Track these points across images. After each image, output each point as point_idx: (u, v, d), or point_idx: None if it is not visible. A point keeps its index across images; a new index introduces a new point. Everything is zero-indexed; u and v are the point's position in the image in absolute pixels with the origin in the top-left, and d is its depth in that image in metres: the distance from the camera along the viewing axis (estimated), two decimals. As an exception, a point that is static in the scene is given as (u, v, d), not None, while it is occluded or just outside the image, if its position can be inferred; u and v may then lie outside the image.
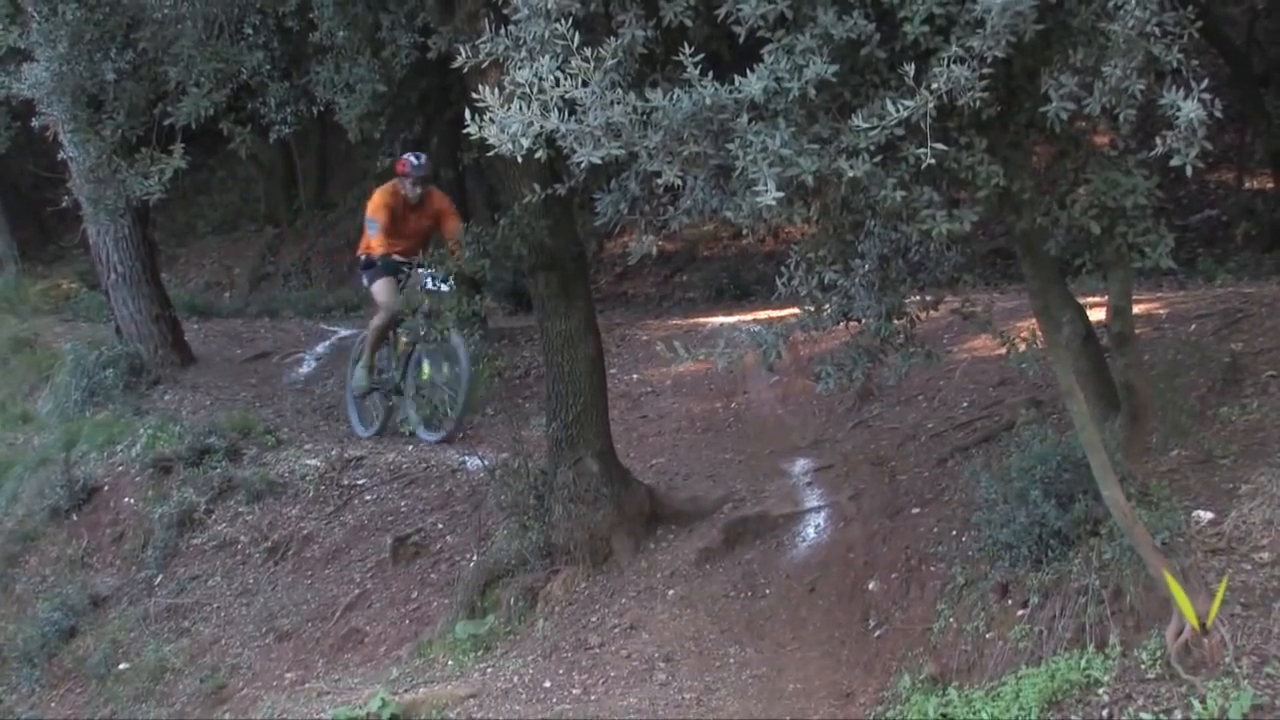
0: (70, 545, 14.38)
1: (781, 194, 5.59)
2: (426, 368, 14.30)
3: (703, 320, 16.30)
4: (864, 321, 7.14)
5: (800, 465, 11.64)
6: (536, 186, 7.22)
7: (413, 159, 14.36)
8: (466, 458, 13.32)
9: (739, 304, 17.92)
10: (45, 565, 14.40)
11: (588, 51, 5.70)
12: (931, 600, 8.97)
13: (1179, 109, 5.66)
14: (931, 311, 7.34)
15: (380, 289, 14.48)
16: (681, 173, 5.91)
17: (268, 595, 12.80)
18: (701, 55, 5.65)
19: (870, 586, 9.64)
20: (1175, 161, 5.77)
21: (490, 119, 5.66)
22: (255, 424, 14.98)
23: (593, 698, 9.56)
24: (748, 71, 5.64)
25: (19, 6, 10.87)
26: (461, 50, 6.15)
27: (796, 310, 7.13)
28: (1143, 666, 7.06)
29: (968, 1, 5.60)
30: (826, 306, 7.04)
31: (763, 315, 13.59)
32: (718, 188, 6.20)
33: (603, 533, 10.83)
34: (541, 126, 5.63)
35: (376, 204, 14.40)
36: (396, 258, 14.05)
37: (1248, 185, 18.02)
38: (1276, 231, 16.58)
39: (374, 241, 14.28)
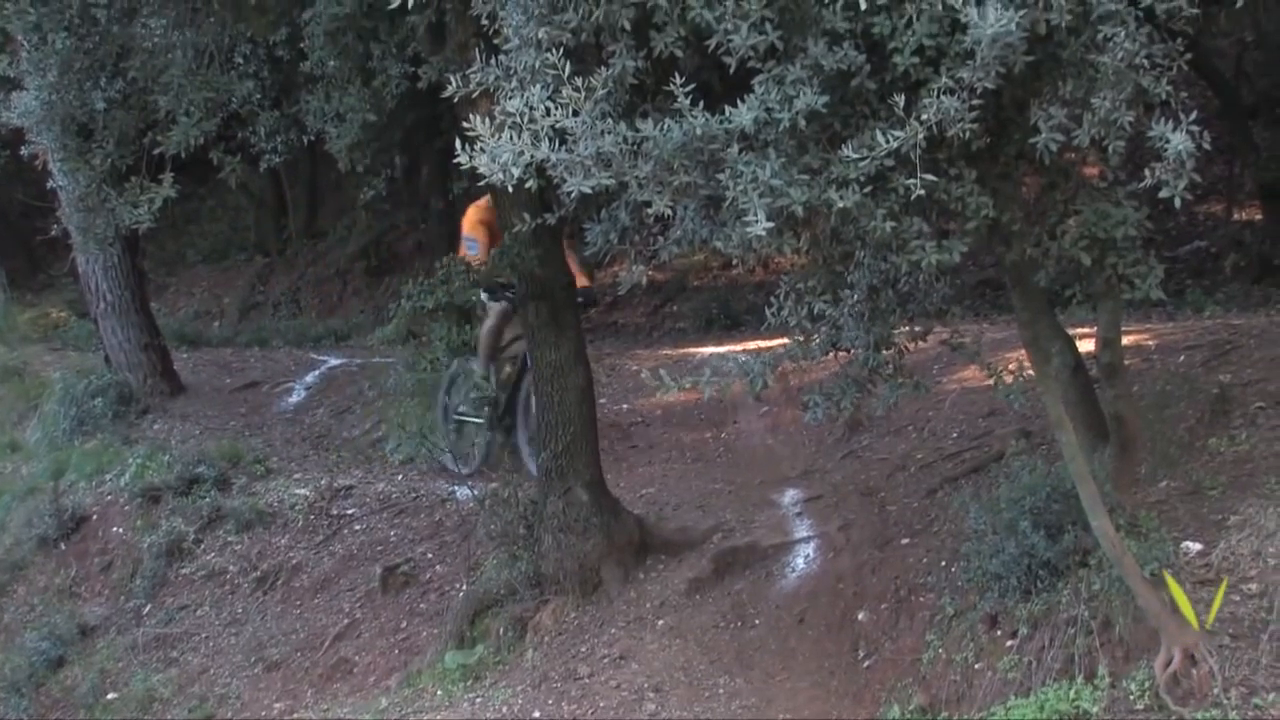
0: (58, 575, 14.34)
1: (771, 224, 5.60)
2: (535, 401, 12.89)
3: (693, 350, 16.29)
4: (853, 352, 7.14)
5: (790, 495, 11.64)
6: (527, 216, 7.21)
7: None
8: (456, 487, 13.31)
9: (729, 334, 17.90)
10: (33, 595, 14.36)
11: (578, 81, 5.71)
12: (921, 631, 8.96)
13: (1168, 141, 5.67)
14: (920, 342, 7.35)
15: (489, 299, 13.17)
16: (672, 203, 5.91)
17: (256, 625, 12.77)
18: (692, 85, 5.65)
19: (859, 617, 9.64)
20: (1164, 193, 5.79)
21: (481, 148, 5.66)
22: (244, 453, 14.96)
23: (581, 728, 9.55)
24: (738, 102, 5.65)
25: (8, 35, 10.87)
26: (452, 80, 6.15)
27: (786, 340, 7.14)
28: (1131, 697, 7.06)
29: (958, 33, 5.61)
30: (816, 337, 7.04)
31: (752, 345, 13.57)
32: (708, 218, 6.21)
33: (592, 563, 10.82)
34: (532, 156, 5.63)
35: (471, 221, 13.39)
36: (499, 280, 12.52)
37: (1236, 217, 18.05)
38: (1265, 263, 16.60)
39: (474, 261, 12.77)
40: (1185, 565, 7.55)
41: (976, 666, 8.24)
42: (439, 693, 10.53)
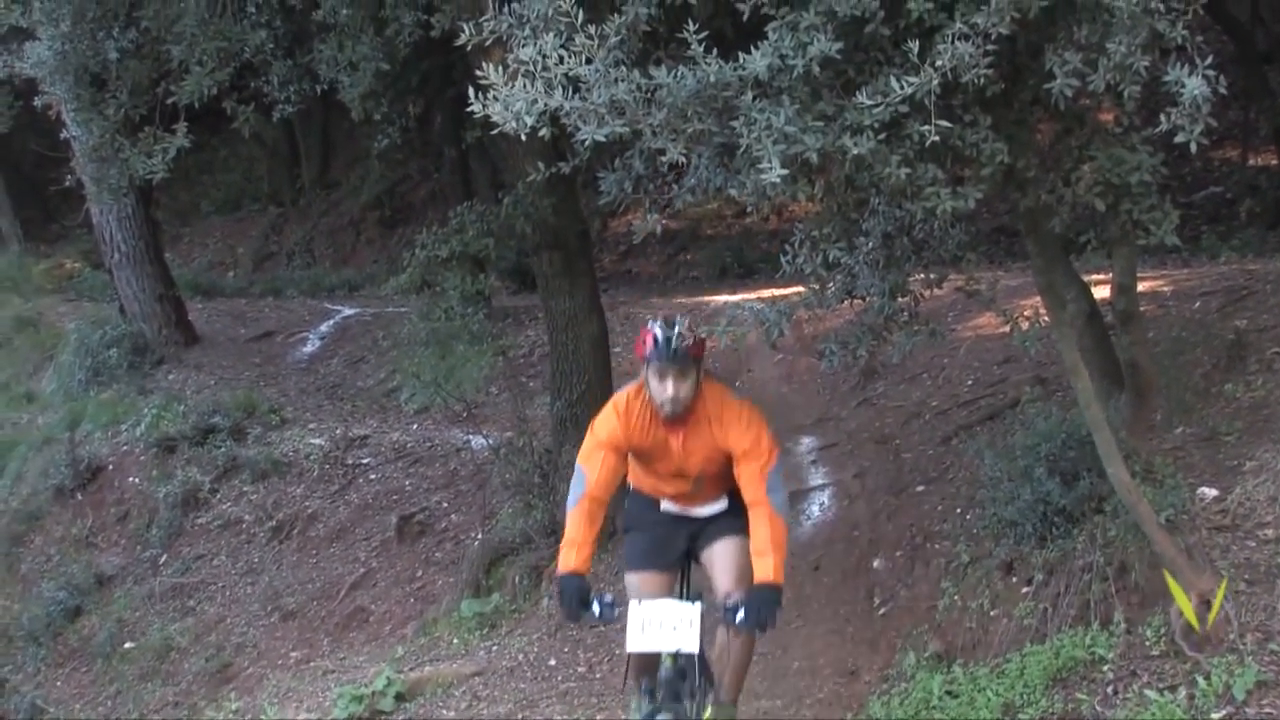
0: (75, 525, 14.41)
1: (786, 172, 5.57)
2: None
3: (707, 299, 16.28)
4: (868, 299, 7.13)
5: (805, 443, 11.64)
6: (540, 165, 7.20)
7: (658, 329, 6.83)
8: (471, 437, 13.32)
9: (743, 282, 17.89)
10: (50, 545, 14.44)
11: (591, 29, 5.68)
12: (936, 578, 8.97)
13: (1183, 86, 5.63)
14: (935, 290, 7.33)
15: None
16: (686, 150, 5.89)
17: (272, 574, 12.82)
18: (705, 33, 5.62)
19: (875, 564, 9.65)
20: (1179, 138, 5.75)
21: (494, 97, 5.64)
22: (259, 403, 15.01)
23: (598, 675, 9.57)
24: (752, 49, 5.62)
25: (21, -15, 10.83)
26: (465, 28, 6.12)
27: (801, 288, 7.12)
28: (1147, 643, 7.06)
29: (972, -22, 5.58)
30: (831, 284, 7.03)
31: (767, 294, 13.54)
32: (722, 165, 6.19)
33: (608, 511, 10.81)
34: (545, 104, 5.61)
35: (598, 424, 7.46)
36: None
37: (1252, 162, 18.00)
38: (1280, 208, 16.58)
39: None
40: (1201, 511, 7.54)
41: (992, 613, 8.25)
42: (455, 641, 10.57)
